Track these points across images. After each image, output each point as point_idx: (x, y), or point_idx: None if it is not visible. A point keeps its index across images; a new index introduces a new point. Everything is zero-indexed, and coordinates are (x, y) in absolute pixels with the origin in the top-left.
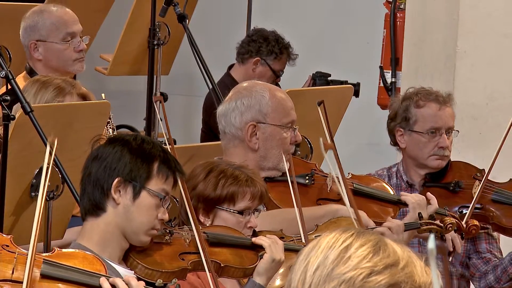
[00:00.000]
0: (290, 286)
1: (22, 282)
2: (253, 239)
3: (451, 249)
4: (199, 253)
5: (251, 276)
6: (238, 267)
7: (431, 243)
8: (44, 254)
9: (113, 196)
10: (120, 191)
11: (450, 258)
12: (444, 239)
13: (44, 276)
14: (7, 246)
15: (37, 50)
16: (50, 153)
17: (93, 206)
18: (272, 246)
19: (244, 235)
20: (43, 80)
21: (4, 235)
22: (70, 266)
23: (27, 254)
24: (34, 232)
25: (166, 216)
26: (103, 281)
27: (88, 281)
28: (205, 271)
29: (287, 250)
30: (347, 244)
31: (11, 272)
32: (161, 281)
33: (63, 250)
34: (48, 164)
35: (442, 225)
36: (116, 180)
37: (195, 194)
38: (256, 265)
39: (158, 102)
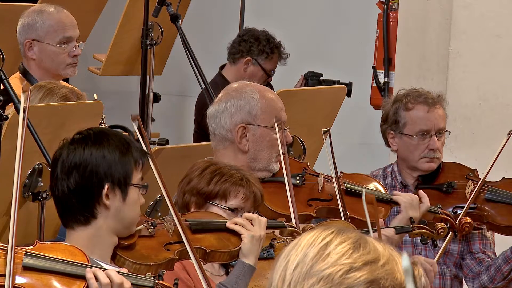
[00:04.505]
0: (271, 285)
1: (3, 275)
2: (227, 224)
3: None
4: (183, 242)
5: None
6: (223, 251)
7: (405, 262)
8: (25, 248)
9: (105, 203)
10: (108, 195)
11: None
12: (436, 244)
13: (26, 268)
14: None
15: (32, 49)
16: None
17: (85, 218)
18: (247, 226)
19: (223, 218)
20: (50, 87)
21: None
22: (52, 257)
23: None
24: (12, 225)
25: (143, 200)
26: (88, 272)
27: (72, 271)
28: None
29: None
30: (327, 241)
31: None
32: (150, 274)
33: (45, 242)
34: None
35: (434, 230)
36: (106, 187)
37: (189, 188)
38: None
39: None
